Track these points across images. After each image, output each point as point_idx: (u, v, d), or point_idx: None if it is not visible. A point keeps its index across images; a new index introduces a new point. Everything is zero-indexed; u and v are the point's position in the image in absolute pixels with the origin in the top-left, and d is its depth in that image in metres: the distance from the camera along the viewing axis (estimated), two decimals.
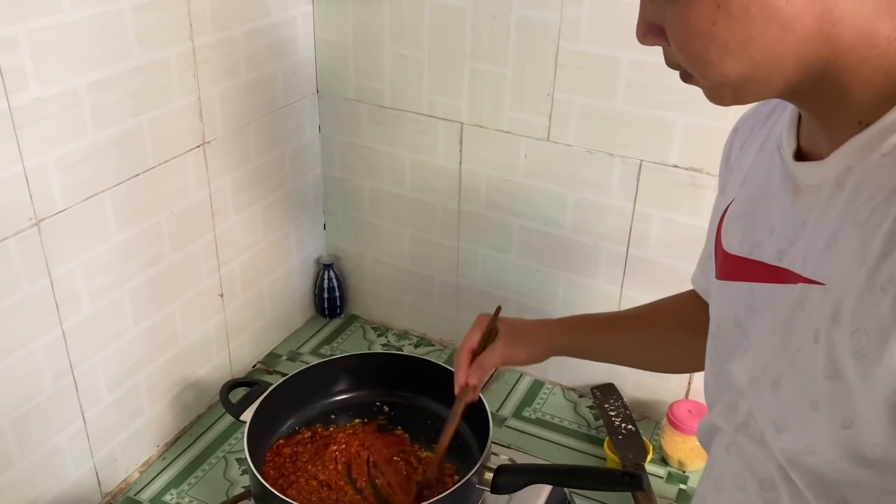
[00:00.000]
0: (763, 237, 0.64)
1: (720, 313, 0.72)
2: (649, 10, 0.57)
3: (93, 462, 1.16)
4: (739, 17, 0.51)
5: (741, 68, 0.54)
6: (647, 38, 0.59)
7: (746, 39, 0.52)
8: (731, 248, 0.69)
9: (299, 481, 1.07)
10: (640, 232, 1.26)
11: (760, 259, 0.64)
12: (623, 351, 0.99)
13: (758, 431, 0.64)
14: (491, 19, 1.23)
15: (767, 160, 0.66)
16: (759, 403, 0.64)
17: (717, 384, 0.73)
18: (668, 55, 0.59)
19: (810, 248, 0.57)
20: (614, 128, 1.21)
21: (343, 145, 1.49)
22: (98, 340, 1.11)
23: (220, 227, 1.31)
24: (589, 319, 1.01)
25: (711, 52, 0.54)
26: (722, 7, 0.51)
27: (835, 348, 0.53)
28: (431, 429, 1.16)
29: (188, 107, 1.17)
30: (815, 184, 0.58)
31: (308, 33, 1.40)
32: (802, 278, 0.58)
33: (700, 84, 0.59)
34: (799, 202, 0.60)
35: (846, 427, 0.54)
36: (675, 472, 1.26)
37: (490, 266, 1.43)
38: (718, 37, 0.52)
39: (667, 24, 0.56)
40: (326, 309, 1.62)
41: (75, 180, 1.02)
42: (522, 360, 0.97)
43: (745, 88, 0.56)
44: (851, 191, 0.54)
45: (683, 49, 0.55)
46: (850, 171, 0.54)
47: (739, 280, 0.67)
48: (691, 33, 0.54)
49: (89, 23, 0.98)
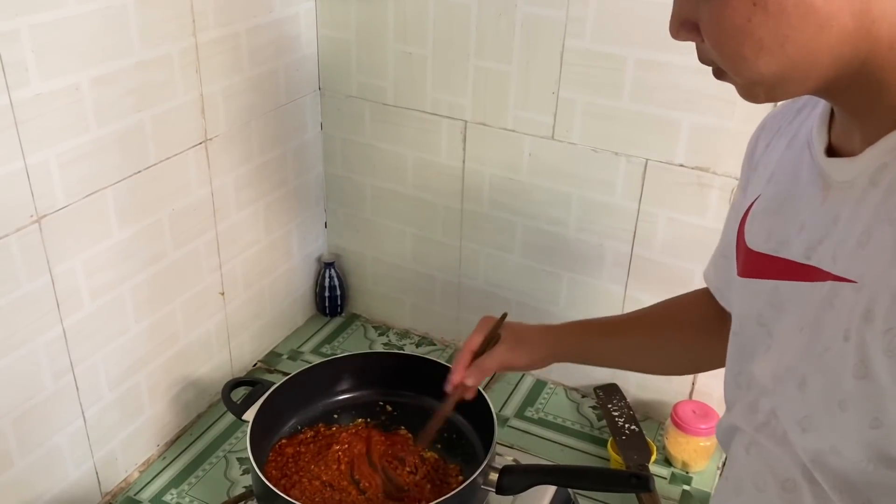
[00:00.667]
0: (791, 234, 0.63)
1: (743, 311, 0.71)
2: (684, 6, 0.57)
3: (93, 461, 1.15)
4: (776, 15, 0.51)
5: (776, 66, 0.53)
6: (680, 33, 0.58)
7: (782, 37, 0.51)
8: (756, 245, 0.68)
9: (302, 481, 1.06)
10: (644, 231, 1.25)
11: (787, 256, 0.63)
12: (625, 355, 0.99)
13: (780, 431, 0.64)
14: (496, 17, 1.22)
15: (796, 156, 0.65)
16: (783, 402, 0.63)
17: (737, 383, 0.72)
18: (702, 51, 0.58)
19: (841, 245, 0.56)
20: (620, 127, 1.20)
21: (345, 143, 1.48)
22: (99, 339, 1.10)
23: (222, 224, 1.30)
24: (590, 325, 1.01)
25: (746, 50, 0.53)
26: (758, 4, 0.51)
27: (866, 347, 0.53)
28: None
29: (191, 103, 1.16)
30: (847, 180, 0.57)
31: (311, 30, 1.39)
32: (832, 276, 0.57)
33: (733, 81, 0.58)
34: (830, 199, 0.59)
35: (875, 427, 0.54)
36: (679, 473, 1.25)
37: (492, 265, 1.42)
38: (754, 34, 0.52)
39: (701, 20, 0.55)
40: (327, 308, 1.61)
41: (77, 177, 1.01)
42: (522, 365, 0.98)
43: (779, 86, 0.55)
44: (887, 188, 0.53)
45: (718, 46, 0.55)
46: (885, 168, 0.53)
47: (764, 278, 0.66)
48: (726, 30, 0.53)
49: (92, 17, 0.97)
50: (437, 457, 1.11)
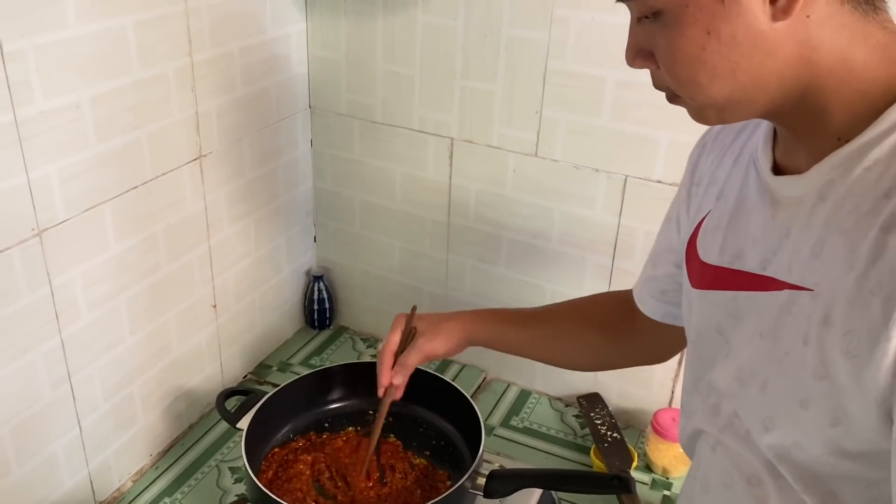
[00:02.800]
0: (745, 247, 0.68)
1: (701, 322, 0.75)
2: (639, 36, 0.61)
3: (87, 470, 1.17)
4: (728, 43, 0.55)
5: (728, 90, 0.58)
6: (636, 61, 0.62)
7: (734, 64, 0.56)
8: (711, 258, 0.72)
9: (294, 488, 1.08)
10: (624, 245, 1.30)
11: (743, 268, 0.68)
12: (534, 346, 1.02)
13: (743, 430, 0.68)
14: (481, 39, 1.27)
15: (742, 174, 0.70)
16: (745, 404, 0.67)
17: (697, 389, 0.76)
18: (657, 78, 0.63)
19: (795, 256, 0.61)
20: (600, 144, 1.25)
21: (334, 159, 1.52)
22: (95, 349, 1.13)
23: (215, 238, 1.33)
24: (503, 313, 1.04)
25: (701, 76, 0.58)
26: (712, 33, 0.55)
27: (826, 350, 0.57)
28: (423, 436, 1.18)
29: (186, 121, 1.20)
30: (796, 196, 0.62)
31: (301, 50, 1.43)
32: (789, 285, 0.61)
33: (686, 104, 0.63)
34: (780, 214, 0.63)
35: (834, 425, 0.58)
36: (660, 479, 1.30)
37: (478, 278, 1.46)
38: (707, 61, 0.57)
39: (657, 49, 0.60)
40: (316, 320, 1.64)
41: (76, 191, 1.04)
42: (441, 353, 1.00)
43: (730, 109, 0.60)
44: (835, 202, 0.58)
45: (673, 72, 0.59)
46: (832, 183, 0.58)
47: (722, 289, 0.71)
48: (682, 58, 0.58)
49: (93, 38, 1.00)
50: (427, 463, 1.14)
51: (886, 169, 0.55)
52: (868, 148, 0.56)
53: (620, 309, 0.96)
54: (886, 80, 0.56)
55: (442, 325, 1.00)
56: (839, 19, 0.55)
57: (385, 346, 1.01)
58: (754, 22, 0.55)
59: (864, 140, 0.56)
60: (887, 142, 0.55)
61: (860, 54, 0.56)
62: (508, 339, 1.02)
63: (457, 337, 1.00)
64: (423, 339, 0.99)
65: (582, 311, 1.02)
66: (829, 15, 0.55)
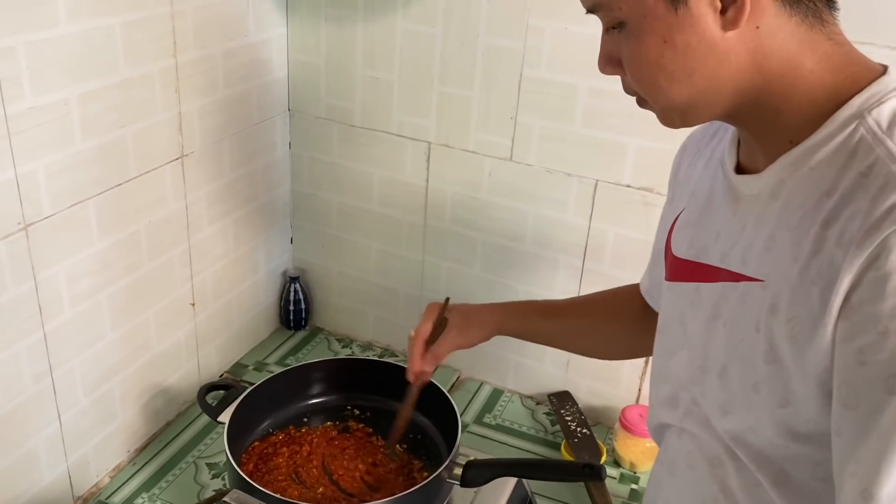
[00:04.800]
0: (709, 242, 0.73)
1: (668, 312, 0.81)
2: (609, 44, 0.66)
3: (66, 465, 1.18)
4: (683, 51, 0.61)
5: (687, 94, 0.63)
6: (606, 68, 0.68)
7: (690, 69, 0.61)
8: (680, 252, 0.78)
9: (273, 479, 1.11)
10: (595, 247, 1.35)
11: (706, 262, 0.73)
12: (562, 336, 1.07)
13: (702, 416, 0.73)
14: (459, 46, 1.32)
15: (712, 174, 0.75)
16: (705, 391, 0.72)
17: (659, 379, 0.82)
18: (626, 83, 0.68)
19: (749, 250, 0.66)
20: (572, 149, 1.30)
21: (313, 162, 1.55)
22: (77, 344, 1.14)
23: (195, 237, 1.35)
24: (532, 305, 1.09)
25: (661, 81, 0.63)
26: (668, 42, 0.61)
27: (773, 336, 0.62)
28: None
29: (169, 120, 1.22)
30: (753, 194, 0.67)
31: (282, 54, 1.46)
32: (744, 276, 0.66)
33: (653, 109, 0.68)
34: (739, 210, 0.69)
35: (783, 406, 0.63)
36: (627, 473, 1.34)
37: (454, 279, 1.50)
38: (666, 67, 0.62)
39: (623, 57, 0.65)
40: (292, 321, 1.66)
41: (62, 187, 1.05)
42: (473, 344, 1.04)
43: (690, 112, 0.65)
44: (784, 199, 0.63)
45: (637, 78, 0.65)
46: (783, 182, 0.63)
47: (687, 281, 0.76)
48: (643, 64, 0.63)
49: (82, 37, 1.02)
50: (405, 455, 1.17)
51: (828, 169, 0.60)
52: (814, 150, 0.61)
53: (638, 302, 0.99)
54: (832, 86, 0.61)
55: (474, 317, 1.04)
56: (787, 30, 0.61)
57: (417, 334, 1.04)
58: (707, 31, 0.60)
59: (811, 143, 0.61)
60: (831, 144, 0.60)
61: (808, 62, 0.61)
62: (540, 330, 1.06)
63: (489, 329, 1.04)
64: (456, 330, 1.03)
65: (608, 304, 1.06)
66: (777, 26, 0.60)
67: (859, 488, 0.56)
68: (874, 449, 0.55)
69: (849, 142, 0.59)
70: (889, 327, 0.54)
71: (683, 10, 0.59)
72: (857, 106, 0.60)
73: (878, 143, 0.58)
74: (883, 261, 0.54)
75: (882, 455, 0.54)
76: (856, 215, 0.56)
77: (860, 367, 0.55)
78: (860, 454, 0.56)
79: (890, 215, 0.54)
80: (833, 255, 0.57)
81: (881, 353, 0.54)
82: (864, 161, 0.58)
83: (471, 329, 1.03)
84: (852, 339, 0.56)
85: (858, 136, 0.59)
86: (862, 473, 0.56)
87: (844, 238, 0.56)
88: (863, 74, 0.62)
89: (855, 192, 0.57)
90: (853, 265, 0.55)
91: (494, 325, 1.04)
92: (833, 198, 0.58)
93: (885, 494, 0.55)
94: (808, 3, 0.61)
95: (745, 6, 0.59)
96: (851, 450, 0.57)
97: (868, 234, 0.55)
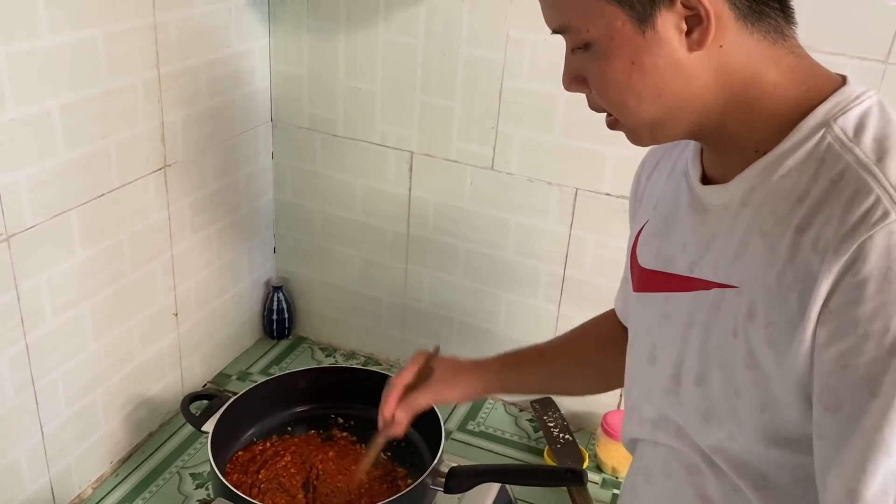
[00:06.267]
0: (676, 252, 0.74)
1: (638, 323, 0.82)
2: (573, 63, 0.68)
3: (49, 476, 1.17)
4: (651, 72, 0.62)
5: (655, 113, 0.65)
6: (571, 86, 0.69)
7: (658, 90, 0.63)
8: (647, 263, 0.79)
9: (256, 487, 1.11)
10: (575, 254, 1.37)
11: (674, 271, 0.74)
12: (551, 381, 1.04)
13: (673, 427, 0.74)
14: (441, 57, 1.33)
15: (675, 185, 0.76)
16: (681, 400, 0.73)
17: (631, 388, 0.83)
18: (591, 100, 0.69)
19: (721, 257, 0.67)
20: (552, 159, 1.32)
21: (296, 172, 1.55)
22: (59, 354, 1.14)
23: (178, 247, 1.35)
24: (518, 357, 1.03)
25: (629, 100, 0.64)
26: (636, 63, 0.62)
27: (752, 341, 0.63)
28: None
29: (152, 131, 1.22)
30: (721, 203, 0.68)
31: (265, 65, 1.47)
32: (716, 284, 0.68)
33: (622, 127, 0.69)
34: (707, 220, 0.70)
35: (763, 411, 0.64)
36: (609, 479, 1.36)
37: (436, 287, 1.51)
38: (634, 87, 0.63)
39: (589, 76, 0.66)
40: (275, 330, 1.67)
41: (45, 198, 1.05)
42: (454, 400, 1.01)
43: (659, 130, 0.67)
44: (756, 206, 0.65)
45: (605, 97, 0.66)
46: (753, 191, 0.65)
47: (656, 291, 0.77)
48: (611, 85, 0.65)
49: (65, 48, 1.03)
50: (389, 463, 1.18)
51: (799, 176, 0.61)
52: (783, 158, 0.63)
53: (614, 325, 0.98)
54: (796, 97, 0.63)
55: (461, 376, 0.99)
56: (750, 47, 0.63)
57: (397, 379, 0.99)
58: (673, 53, 0.61)
59: (780, 151, 0.63)
60: (800, 152, 0.62)
61: (771, 76, 0.63)
62: (530, 382, 1.03)
63: (474, 390, 0.99)
64: (441, 385, 0.98)
65: (593, 335, 1.02)
66: (739, 44, 0.62)
67: (845, 489, 0.57)
68: (858, 450, 0.56)
69: (817, 149, 0.61)
70: (869, 330, 0.55)
71: (651, 32, 0.61)
72: (823, 115, 0.62)
73: (846, 150, 0.60)
74: (860, 266, 0.55)
75: (867, 455, 0.56)
76: (830, 221, 0.58)
77: (842, 370, 0.57)
78: (844, 456, 0.57)
79: (864, 221, 0.56)
80: (809, 260, 0.58)
81: (862, 356, 0.56)
82: (834, 168, 0.60)
83: (454, 384, 0.98)
84: (833, 343, 0.57)
85: (826, 144, 0.61)
86: (847, 474, 0.57)
87: (820, 244, 0.58)
88: (824, 85, 0.64)
89: (827, 197, 0.59)
90: (831, 271, 0.57)
91: (479, 387, 0.99)
92: (806, 203, 0.60)
93: (871, 494, 0.56)
94: (769, 20, 0.63)
95: (710, 27, 0.60)
96: (835, 452, 0.58)
97: (844, 239, 0.56)
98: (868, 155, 0.59)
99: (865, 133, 0.60)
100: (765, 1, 0.62)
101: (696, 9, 0.60)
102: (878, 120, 0.61)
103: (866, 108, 0.62)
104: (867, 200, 0.56)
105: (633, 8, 0.61)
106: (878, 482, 0.56)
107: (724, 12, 0.61)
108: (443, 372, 0.99)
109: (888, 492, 0.56)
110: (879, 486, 0.56)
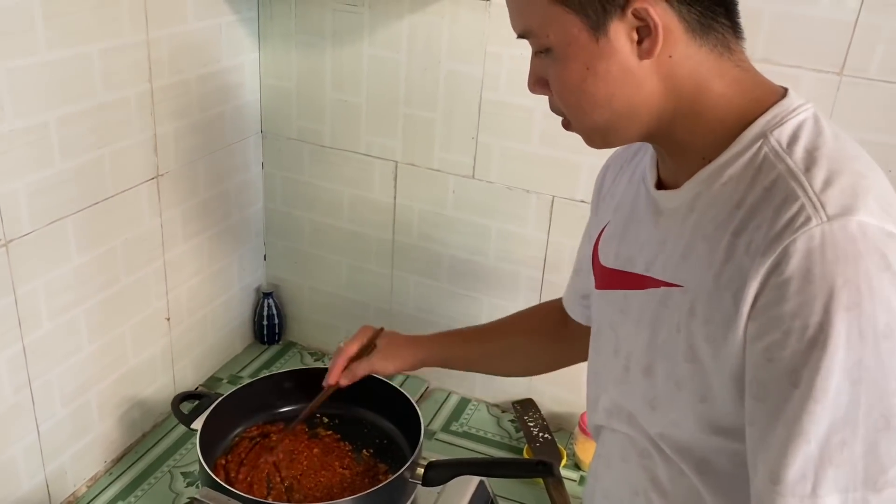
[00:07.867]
0: (634, 252, 0.79)
1: (600, 318, 0.87)
2: (537, 66, 0.73)
3: (44, 474, 1.21)
4: (604, 77, 0.67)
5: (607, 117, 0.69)
6: (535, 87, 0.74)
7: (610, 94, 0.68)
8: (608, 262, 0.84)
9: (244, 480, 1.15)
10: (553, 259, 1.42)
11: (632, 270, 0.78)
12: (483, 360, 1.14)
13: (625, 414, 0.79)
14: (422, 71, 1.39)
15: (634, 190, 0.81)
16: (632, 389, 0.78)
17: (590, 378, 0.88)
18: (552, 103, 0.74)
19: (669, 258, 0.72)
20: (530, 167, 1.38)
21: (285, 181, 1.61)
22: (55, 356, 1.19)
23: (170, 254, 1.40)
24: (454, 334, 1.16)
25: (583, 103, 0.69)
26: (590, 69, 0.67)
27: (692, 336, 0.68)
28: (367, 435, 1.26)
29: (145, 142, 1.28)
30: (673, 207, 0.73)
31: (254, 78, 1.53)
32: (664, 283, 0.73)
33: (577, 130, 0.74)
34: (661, 223, 0.75)
35: (702, 401, 0.69)
36: (587, 476, 1.40)
37: (421, 293, 1.56)
38: (587, 91, 0.68)
39: (549, 79, 0.71)
40: (265, 336, 1.72)
41: (42, 206, 1.11)
42: (390, 371, 1.13)
43: (611, 133, 0.71)
44: (700, 211, 0.69)
45: (562, 99, 0.71)
46: (698, 196, 0.70)
47: (615, 289, 0.82)
48: (567, 88, 0.69)
49: (61, 63, 1.08)
50: (370, 458, 1.22)
51: (738, 184, 0.66)
52: (726, 166, 0.67)
53: (555, 316, 1.06)
54: (740, 108, 0.68)
55: (398, 349, 1.12)
56: (698, 58, 0.67)
57: (343, 351, 1.12)
58: (625, 60, 0.66)
59: (723, 160, 0.68)
60: (739, 161, 0.66)
61: (717, 87, 0.68)
62: (460, 357, 1.13)
63: (409, 361, 1.11)
64: (379, 356, 1.11)
65: (523, 323, 1.12)
66: (688, 55, 0.67)
67: (770, 472, 0.62)
68: (781, 436, 0.61)
69: (755, 159, 0.66)
70: (791, 326, 0.59)
71: (604, 40, 0.66)
72: (761, 126, 0.66)
73: (779, 160, 0.64)
74: (784, 267, 0.60)
75: (787, 442, 0.60)
76: (761, 226, 0.62)
77: (768, 363, 0.61)
78: (770, 441, 0.62)
79: (790, 226, 0.60)
80: (742, 262, 0.63)
81: (785, 350, 0.60)
82: (768, 176, 0.64)
83: (392, 359, 1.11)
84: (760, 338, 0.62)
85: (763, 154, 0.65)
86: (771, 459, 0.62)
87: (752, 247, 0.62)
88: (766, 97, 0.68)
89: (760, 204, 0.63)
90: (759, 272, 0.61)
91: (414, 358, 1.11)
92: (742, 210, 0.65)
93: (790, 477, 0.61)
94: (717, 34, 0.67)
95: (658, 38, 0.65)
96: (762, 438, 0.63)
97: (771, 243, 0.61)
98: (798, 164, 0.63)
99: (798, 144, 0.65)
100: (713, 16, 0.66)
101: (645, 20, 0.64)
102: (810, 132, 0.65)
103: (801, 120, 0.66)
104: (793, 207, 0.61)
105: (588, 17, 0.65)
106: (798, 466, 0.60)
107: (674, 24, 0.65)
108: (383, 346, 1.12)
109: (807, 475, 0.60)
110: (799, 470, 0.60)
